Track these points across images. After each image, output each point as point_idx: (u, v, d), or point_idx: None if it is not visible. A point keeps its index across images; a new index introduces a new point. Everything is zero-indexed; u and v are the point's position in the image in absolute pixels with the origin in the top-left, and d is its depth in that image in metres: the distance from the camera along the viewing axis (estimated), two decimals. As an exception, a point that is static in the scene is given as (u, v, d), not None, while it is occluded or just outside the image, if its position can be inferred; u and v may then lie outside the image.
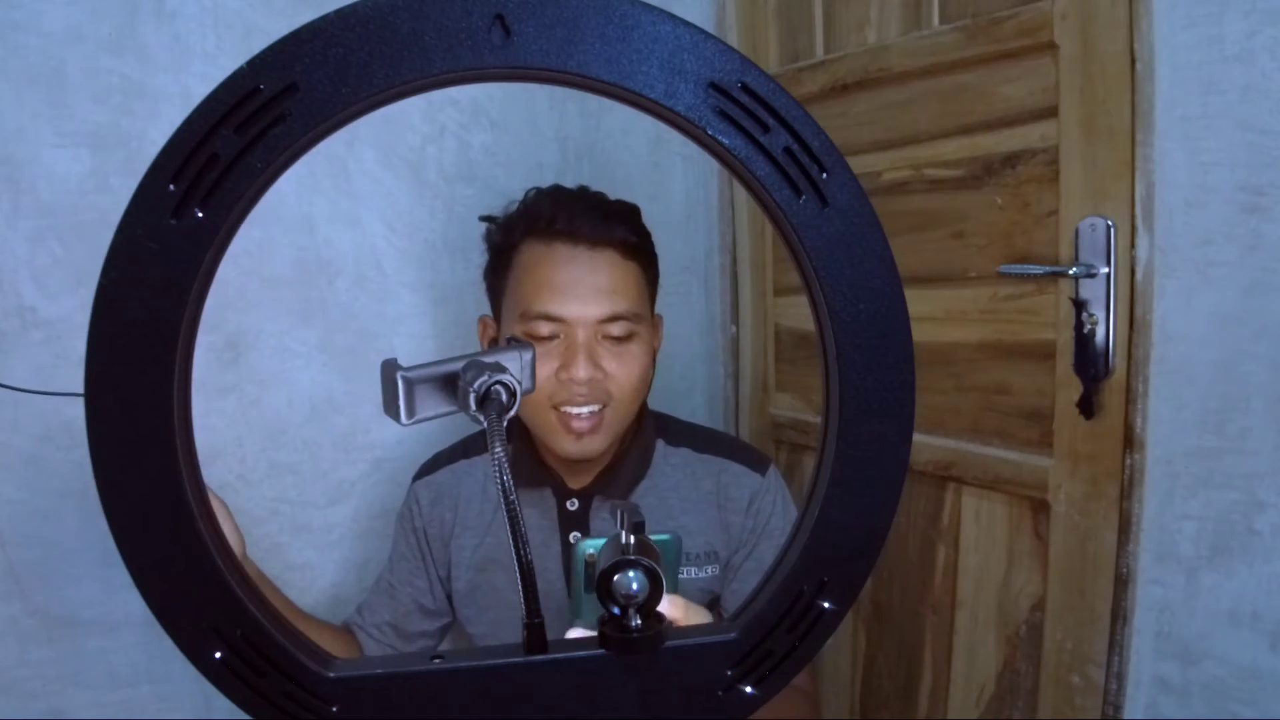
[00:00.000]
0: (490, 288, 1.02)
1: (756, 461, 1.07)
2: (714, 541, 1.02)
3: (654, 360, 1.03)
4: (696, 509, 1.03)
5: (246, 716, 0.37)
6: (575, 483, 1.03)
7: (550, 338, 0.93)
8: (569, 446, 0.95)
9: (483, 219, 1.04)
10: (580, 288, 0.93)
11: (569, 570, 0.96)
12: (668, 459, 1.06)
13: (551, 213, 0.95)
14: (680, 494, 1.04)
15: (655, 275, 1.02)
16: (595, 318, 0.93)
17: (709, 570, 1.01)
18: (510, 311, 0.97)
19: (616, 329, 0.94)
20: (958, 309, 1.11)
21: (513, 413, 0.42)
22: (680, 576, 0.88)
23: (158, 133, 1.06)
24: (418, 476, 1.11)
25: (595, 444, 0.95)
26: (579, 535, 1.01)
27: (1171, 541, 0.90)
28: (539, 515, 1.03)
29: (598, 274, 0.94)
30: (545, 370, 0.93)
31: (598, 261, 0.94)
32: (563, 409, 0.93)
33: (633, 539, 0.37)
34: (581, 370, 0.91)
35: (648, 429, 1.06)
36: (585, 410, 0.93)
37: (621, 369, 0.94)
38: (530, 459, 1.03)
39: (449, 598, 1.08)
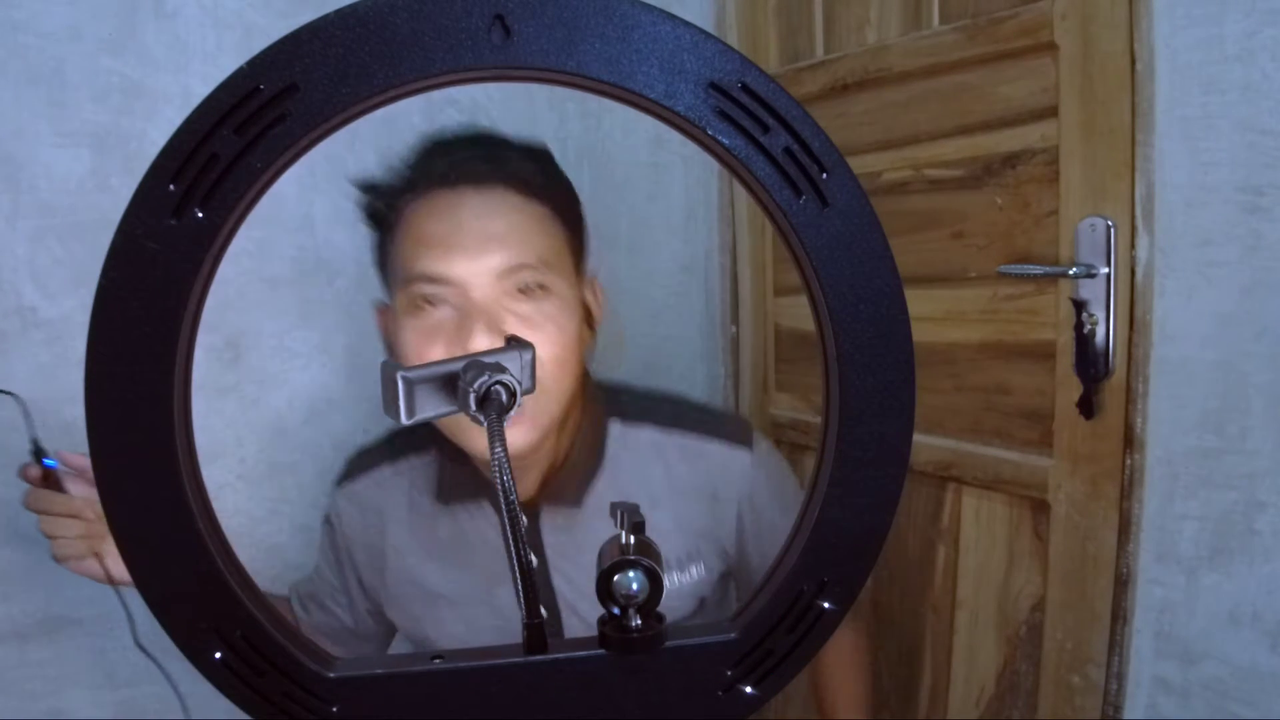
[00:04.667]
0: (379, 266, 0.83)
1: (738, 434, 0.90)
2: (699, 540, 0.87)
3: (592, 331, 0.85)
4: (671, 503, 0.86)
5: (246, 717, 0.37)
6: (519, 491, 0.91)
7: (440, 305, 0.74)
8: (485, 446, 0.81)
9: (356, 184, 0.83)
10: (465, 236, 0.73)
11: None
12: (627, 444, 0.87)
13: (428, 158, 0.79)
14: (649, 488, 0.86)
15: (579, 226, 0.82)
16: (490, 272, 0.72)
17: (693, 572, 0.87)
18: (394, 285, 0.78)
19: (521, 283, 0.74)
20: (958, 309, 1.11)
21: (513, 412, 0.42)
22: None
23: (158, 133, 1.06)
24: (341, 479, 0.94)
25: (517, 439, 0.75)
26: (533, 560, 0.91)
27: (1171, 541, 0.90)
28: (477, 537, 0.87)
29: (488, 218, 0.74)
30: (437, 350, 0.73)
31: (487, 203, 0.75)
32: None
33: (633, 539, 0.37)
34: (479, 339, 0.70)
35: (594, 410, 0.87)
36: None
37: (536, 336, 0.72)
38: (459, 469, 0.86)
39: (379, 612, 0.94)
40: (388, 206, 0.79)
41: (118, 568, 0.80)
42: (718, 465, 0.88)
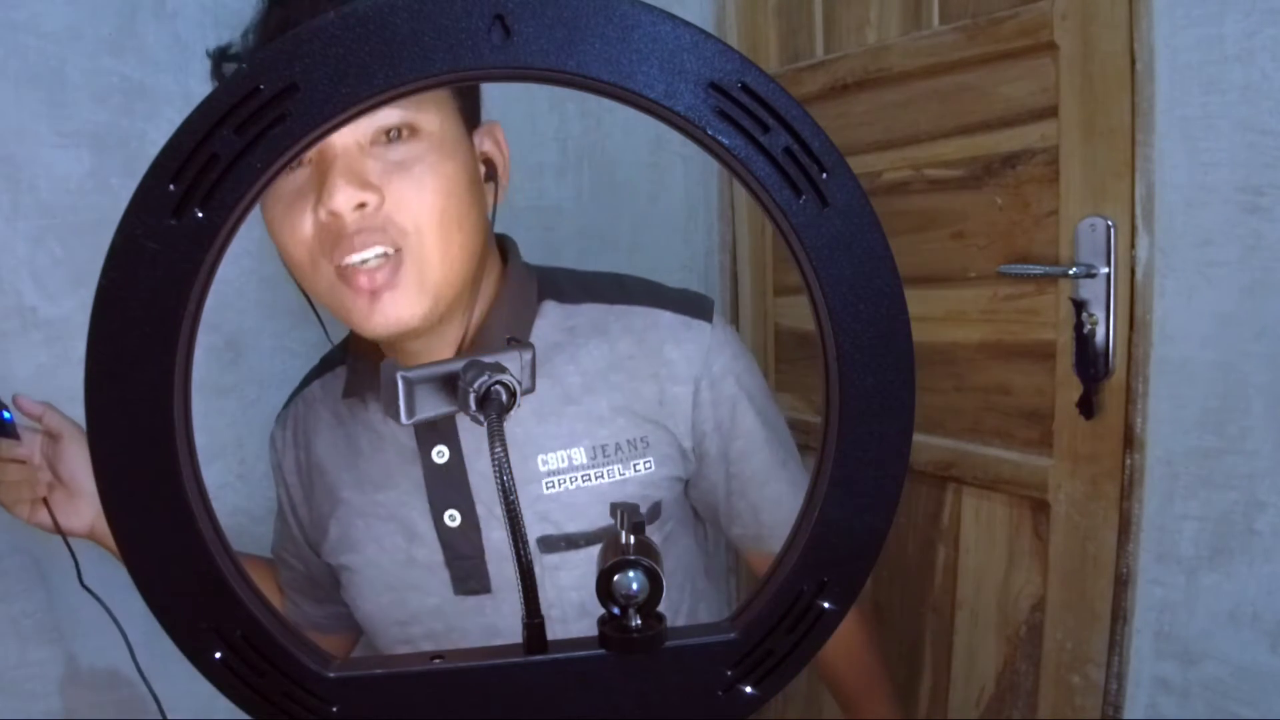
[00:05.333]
0: None
1: (697, 307, 0.79)
2: (647, 427, 0.76)
3: (495, 183, 0.75)
4: (612, 382, 0.76)
5: (246, 716, 0.37)
6: None
7: (298, 168, 0.65)
8: (368, 318, 0.65)
9: (212, 55, 0.74)
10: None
11: (439, 512, 0.76)
12: (562, 322, 0.78)
13: (268, 13, 0.70)
14: (585, 366, 0.76)
15: None
16: None
17: (640, 466, 0.75)
18: None
19: (382, 125, 0.64)
20: (958, 309, 1.11)
21: (513, 412, 0.42)
22: (600, 480, 0.74)
23: (158, 133, 1.06)
24: (280, 409, 0.89)
25: (402, 308, 0.65)
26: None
27: (1171, 541, 0.90)
28: (384, 442, 0.78)
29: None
30: (302, 216, 0.65)
31: None
32: (342, 265, 0.64)
33: (633, 539, 0.37)
34: (339, 194, 0.61)
35: (520, 286, 0.78)
36: (368, 255, 0.63)
37: (410, 188, 0.64)
38: (365, 359, 0.78)
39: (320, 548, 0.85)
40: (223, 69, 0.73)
41: (65, 517, 0.79)
42: (670, 338, 0.76)
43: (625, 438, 0.75)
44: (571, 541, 0.75)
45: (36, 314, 1.03)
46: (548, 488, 0.75)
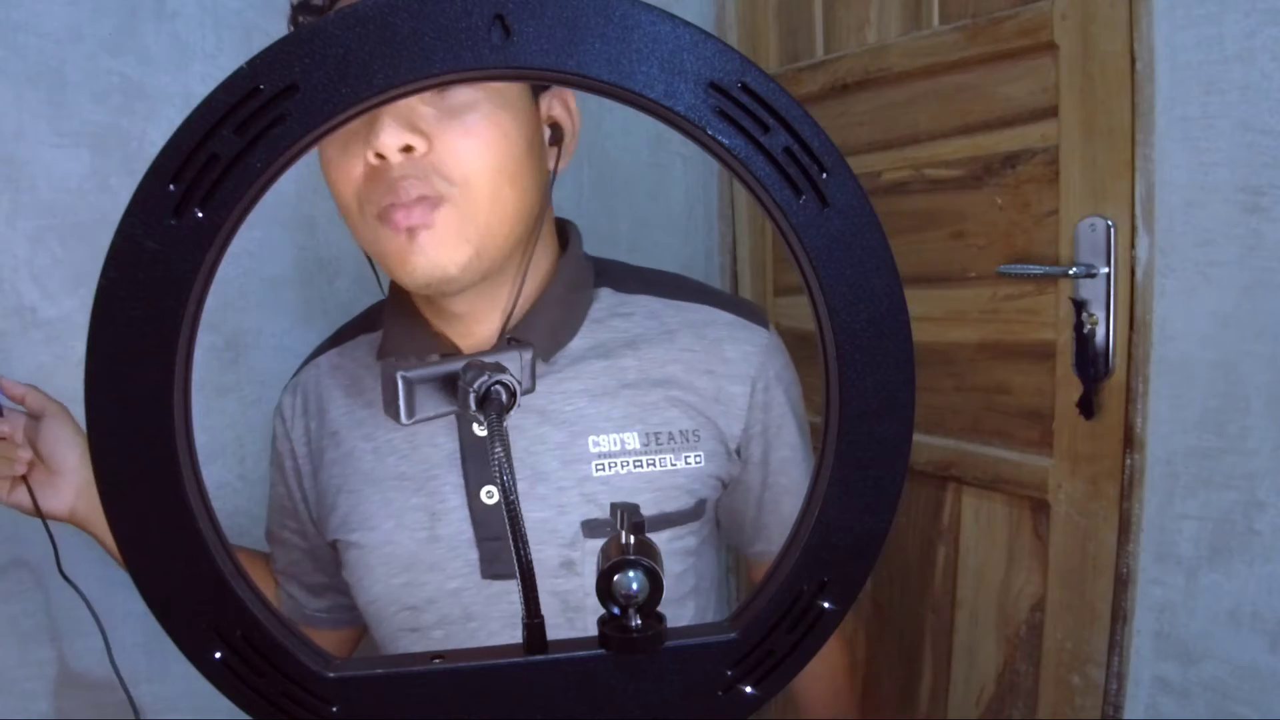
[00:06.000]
0: None
1: (754, 312, 0.79)
2: (702, 422, 0.75)
3: (559, 148, 0.74)
4: (668, 373, 0.74)
5: (246, 716, 0.37)
6: (468, 344, 0.74)
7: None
8: (405, 260, 0.64)
9: (294, 4, 0.69)
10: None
11: (476, 488, 0.73)
12: (619, 308, 0.77)
13: None
14: (639, 351, 0.74)
15: None
16: None
17: (691, 459, 0.73)
18: None
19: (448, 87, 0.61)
20: (958, 309, 1.11)
21: (512, 412, 0.42)
22: (652, 468, 0.72)
23: (158, 133, 1.06)
24: (290, 379, 0.86)
25: (440, 251, 0.64)
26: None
27: (1171, 541, 0.90)
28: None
29: None
30: (352, 159, 0.64)
31: None
32: (385, 206, 0.63)
33: (633, 539, 0.37)
34: (385, 135, 0.59)
35: (572, 265, 0.76)
36: (412, 196, 0.62)
37: (460, 135, 0.62)
38: (406, 319, 0.75)
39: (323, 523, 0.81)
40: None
41: (45, 498, 0.77)
42: (729, 336, 0.76)
43: (679, 428, 0.74)
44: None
45: (36, 314, 1.03)
46: (597, 470, 0.72)
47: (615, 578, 0.36)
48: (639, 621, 0.36)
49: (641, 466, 0.73)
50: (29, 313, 1.03)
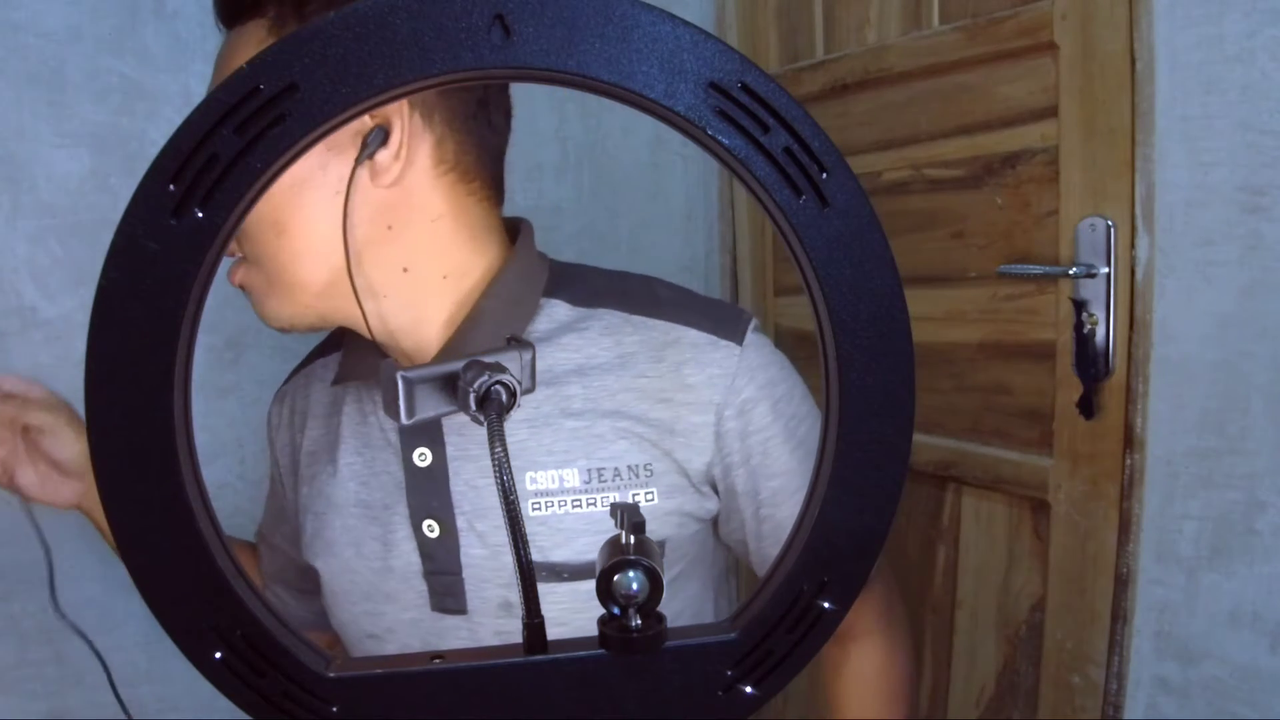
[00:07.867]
0: None
1: (727, 324, 0.69)
2: (651, 454, 0.67)
3: (369, 156, 0.61)
4: (618, 402, 0.67)
5: (246, 716, 0.37)
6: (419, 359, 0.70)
7: None
8: (258, 314, 0.68)
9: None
10: (217, 78, 0.66)
11: (418, 520, 0.69)
12: (571, 325, 0.69)
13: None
14: (587, 378, 0.67)
15: None
16: None
17: (643, 497, 0.67)
18: None
19: None
20: (958, 309, 1.11)
21: (512, 412, 0.42)
22: (593, 508, 0.66)
23: (158, 133, 1.06)
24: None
25: (262, 306, 0.66)
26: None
27: (1171, 541, 0.90)
28: (371, 436, 0.72)
29: (231, 58, 0.65)
30: None
31: (238, 43, 0.65)
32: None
33: (633, 539, 0.37)
34: None
35: (512, 274, 0.68)
36: (235, 254, 0.66)
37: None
38: (358, 351, 0.73)
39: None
40: None
41: (31, 488, 0.76)
42: (692, 359, 0.67)
43: (626, 463, 0.66)
44: (555, 571, 0.66)
45: (36, 314, 1.03)
46: (534, 509, 0.66)
47: (615, 578, 0.36)
48: (639, 622, 0.36)
49: (581, 506, 0.66)
50: (29, 313, 1.03)
